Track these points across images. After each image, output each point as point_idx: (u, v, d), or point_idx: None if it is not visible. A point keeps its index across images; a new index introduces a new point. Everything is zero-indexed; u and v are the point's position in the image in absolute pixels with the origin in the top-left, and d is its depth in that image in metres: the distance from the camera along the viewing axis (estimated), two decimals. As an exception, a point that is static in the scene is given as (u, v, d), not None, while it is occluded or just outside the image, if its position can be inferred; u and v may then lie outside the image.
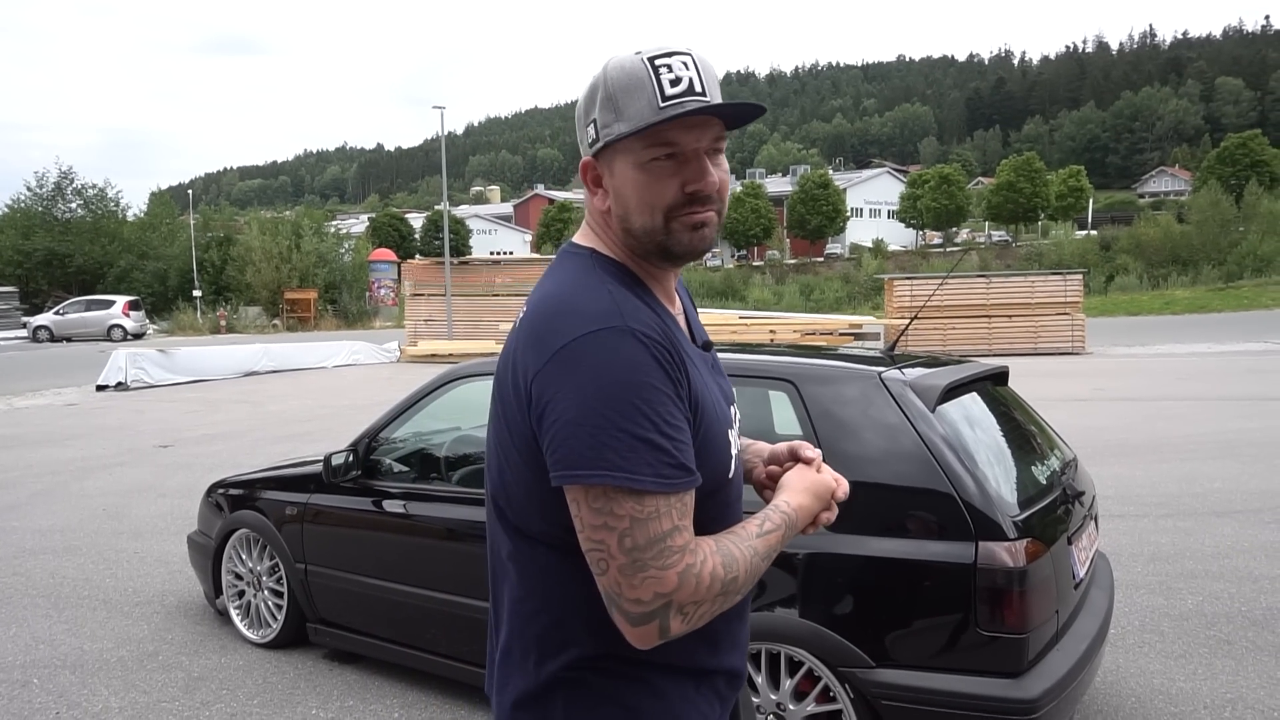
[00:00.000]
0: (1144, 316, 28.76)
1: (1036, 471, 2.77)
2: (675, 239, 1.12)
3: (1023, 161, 58.67)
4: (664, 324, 1.10)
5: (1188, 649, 3.68)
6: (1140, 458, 7.52)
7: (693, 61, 1.08)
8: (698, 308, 1.39)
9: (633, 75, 1.08)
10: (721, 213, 1.15)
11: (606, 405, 1.00)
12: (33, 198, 43.26)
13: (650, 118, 1.06)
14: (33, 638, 4.21)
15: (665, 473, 1.01)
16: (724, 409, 1.18)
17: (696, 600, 1.02)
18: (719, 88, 1.11)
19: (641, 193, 1.11)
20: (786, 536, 1.14)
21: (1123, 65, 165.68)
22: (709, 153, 1.11)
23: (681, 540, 1.02)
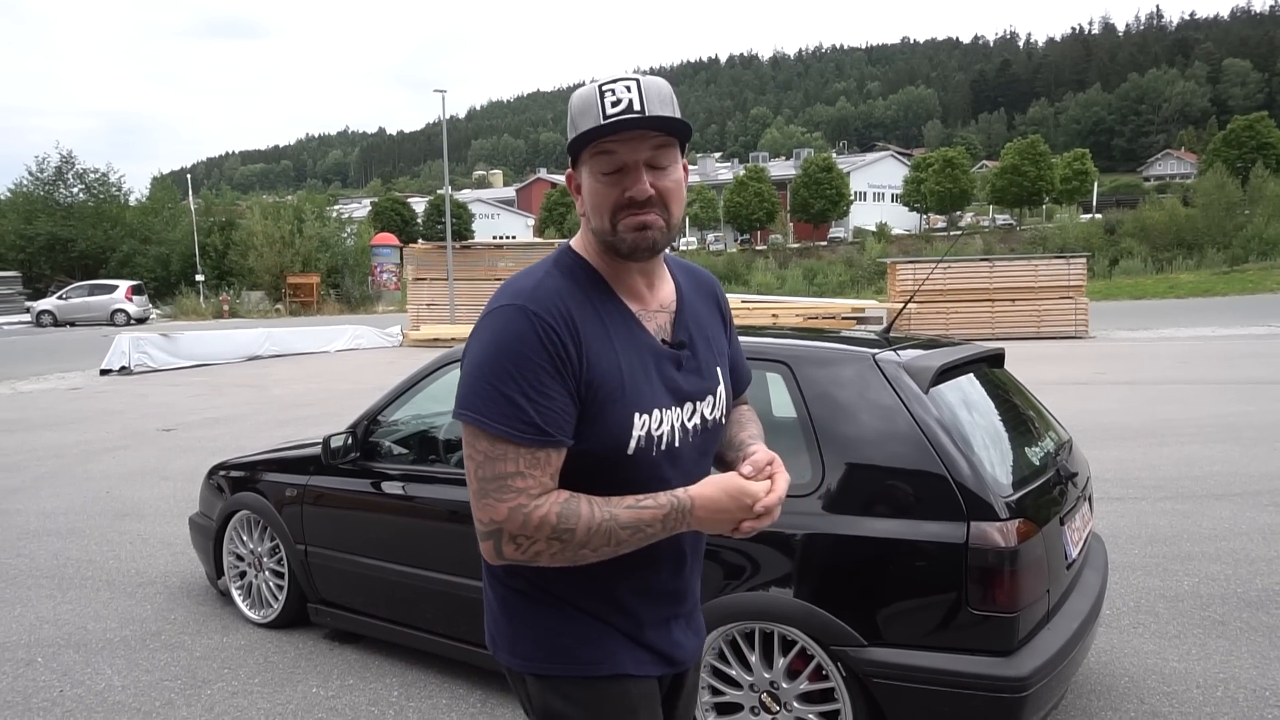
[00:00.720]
0: (1148, 300, 28.68)
1: (1030, 453, 2.78)
2: (620, 237, 1.30)
3: (1027, 145, 58.33)
4: (573, 312, 1.28)
5: (1182, 629, 3.70)
6: (1140, 441, 7.53)
7: (637, 86, 1.27)
8: None
9: (586, 100, 1.28)
10: (669, 215, 1.32)
11: (487, 363, 1.25)
12: (34, 182, 43.19)
13: (585, 133, 1.27)
14: (37, 618, 4.25)
15: (518, 427, 1.23)
16: (648, 397, 1.33)
17: (526, 535, 1.24)
18: (670, 107, 1.29)
19: (594, 199, 1.31)
20: (672, 519, 1.27)
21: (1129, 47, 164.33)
22: (650, 165, 1.29)
23: (523, 484, 1.24)
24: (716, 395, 1.45)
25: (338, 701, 3.33)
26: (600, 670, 1.37)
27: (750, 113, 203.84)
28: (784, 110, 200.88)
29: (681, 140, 1.32)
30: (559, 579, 1.36)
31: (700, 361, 1.43)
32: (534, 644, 1.38)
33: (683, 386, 1.39)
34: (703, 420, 1.41)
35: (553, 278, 1.32)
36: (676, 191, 1.32)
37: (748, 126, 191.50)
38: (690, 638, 1.51)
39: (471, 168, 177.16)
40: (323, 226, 39.14)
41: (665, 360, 1.37)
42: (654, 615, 1.43)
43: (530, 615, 1.38)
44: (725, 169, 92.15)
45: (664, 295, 1.43)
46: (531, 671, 1.39)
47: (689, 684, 1.56)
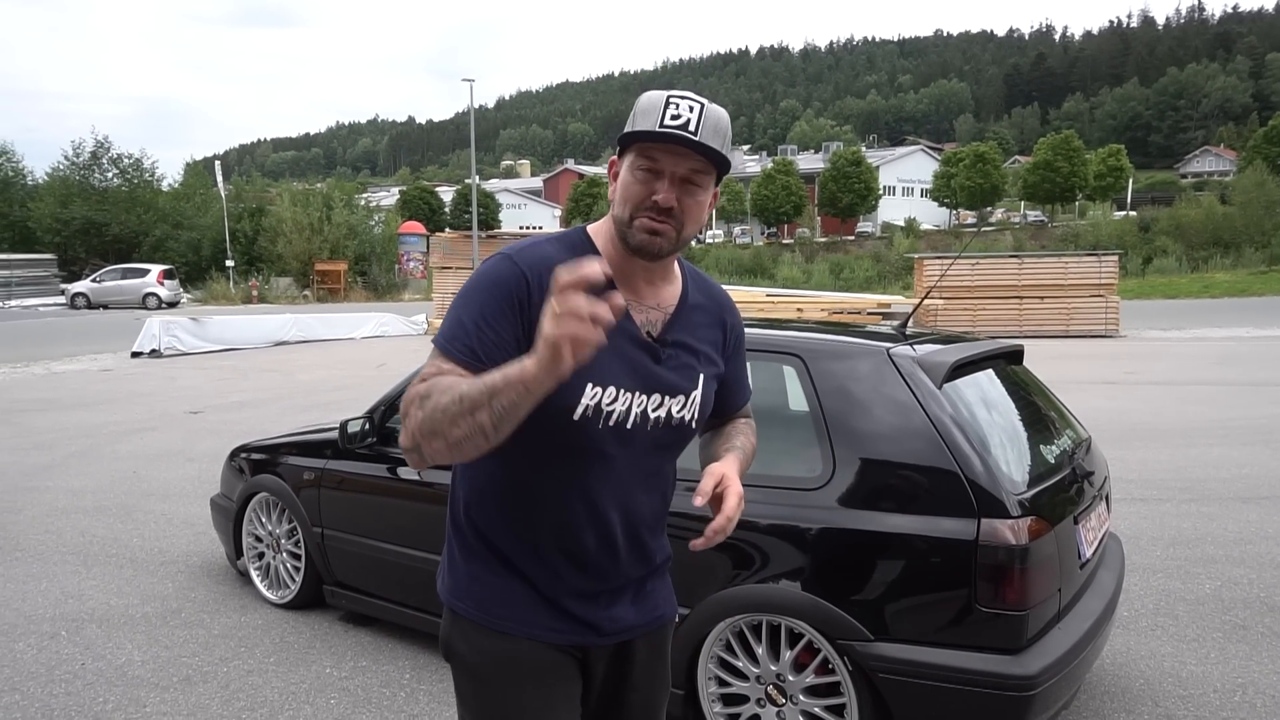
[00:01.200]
0: (1182, 299, 28.15)
1: (1046, 451, 2.74)
2: (633, 233, 1.39)
3: (1061, 140, 57.42)
4: (549, 275, 1.23)
5: (1201, 633, 3.64)
6: (1167, 442, 7.41)
7: (700, 110, 1.36)
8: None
9: (653, 103, 1.38)
10: (681, 232, 1.40)
11: (459, 295, 1.39)
12: (70, 167, 43.87)
13: (638, 133, 1.36)
14: (62, 592, 4.34)
15: (457, 346, 1.33)
16: (608, 371, 1.37)
17: (409, 412, 1.28)
18: (720, 139, 1.37)
19: (625, 190, 1.39)
20: (514, 375, 1.18)
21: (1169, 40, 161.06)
22: (684, 180, 1.37)
23: (431, 371, 1.33)
24: (690, 398, 1.48)
25: (350, 682, 3.38)
26: (501, 626, 1.44)
27: (779, 105, 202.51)
28: (814, 103, 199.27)
29: (720, 172, 1.41)
30: (496, 526, 1.46)
31: (682, 363, 1.48)
32: (458, 583, 1.50)
33: (655, 377, 1.43)
34: (669, 415, 1.45)
35: (551, 245, 1.44)
36: (696, 213, 1.41)
37: (777, 119, 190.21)
38: (633, 612, 1.52)
39: (499, 157, 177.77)
40: (351, 214, 39.38)
41: (641, 349, 1.43)
42: (581, 583, 1.46)
43: (465, 560, 1.50)
44: (753, 162, 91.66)
45: (664, 298, 1.49)
46: (449, 605, 1.51)
47: (640, 658, 1.56)
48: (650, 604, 1.56)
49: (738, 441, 1.58)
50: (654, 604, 1.58)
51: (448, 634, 1.51)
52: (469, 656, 1.47)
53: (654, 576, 1.59)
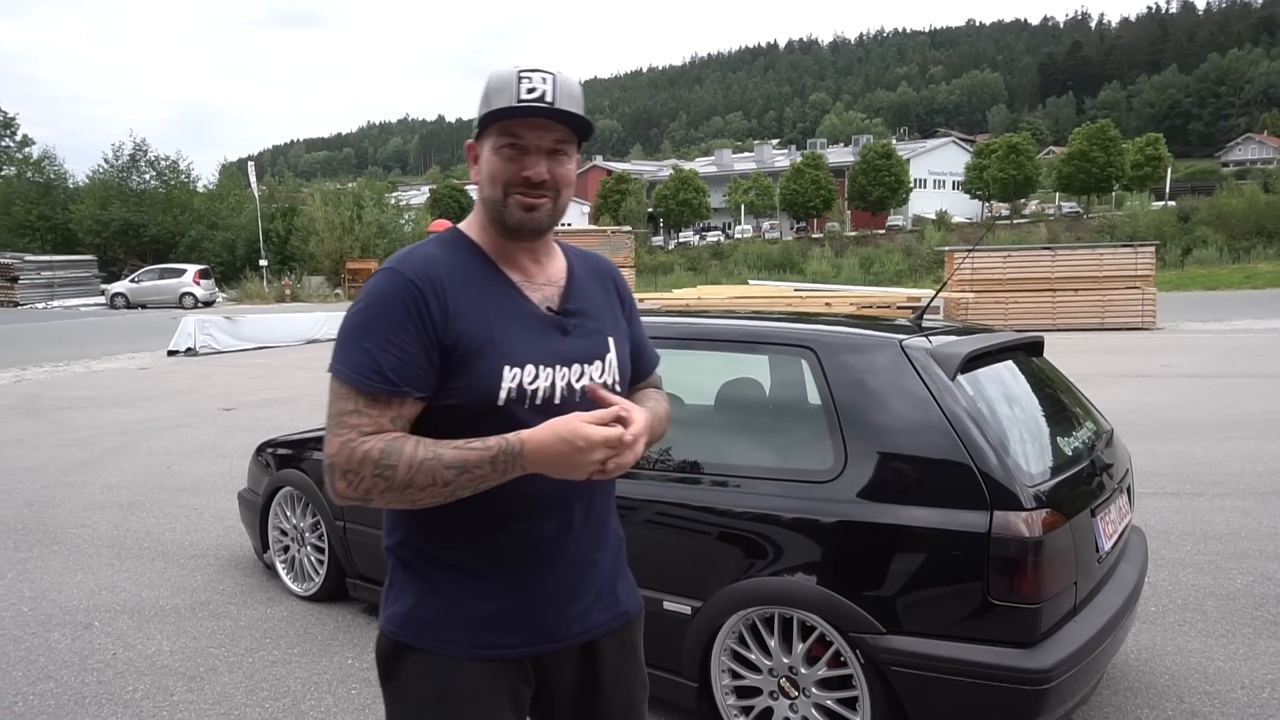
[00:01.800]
0: (1222, 291, 27.51)
1: (1063, 443, 2.70)
2: (510, 213, 1.40)
3: (1096, 129, 56.31)
4: (443, 276, 1.37)
5: (1230, 629, 3.57)
6: (1203, 435, 7.25)
7: (553, 80, 1.36)
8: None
9: (505, 80, 1.36)
10: (557, 202, 1.42)
11: (353, 318, 1.35)
12: (109, 170, 44.82)
13: (498, 111, 1.35)
14: (96, 584, 4.45)
15: (365, 374, 1.31)
16: (522, 351, 1.38)
17: (352, 470, 1.28)
18: (578, 105, 1.39)
19: (492, 171, 1.39)
20: (501, 461, 1.29)
21: (1209, 26, 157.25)
22: (550, 152, 1.38)
23: (357, 421, 1.30)
24: (606, 361, 1.49)
25: (371, 673, 3.42)
26: (443, 649, 1.39)
27: (809, 99, 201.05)
28: (843, 96, 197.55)
29: (581, 138, 1.42)
30: (443, 538, 1.41)
31: (588, 329, 1.48)
32: (399, 610, 1.44)
33: (566, 349, 1.44)
34: (591, 381, 1.45)
35: (429, 248, 1.43)
36: (569, 180, 1.42)
37: (806, 113, 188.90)
38: (597, 611, 1.49)
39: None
40: (381, 213, 39.82)
41: (547, 325, 1.43)
42: (544, 578, 1.42)
43: (405, 584, 1.44)
44: (782, 156, 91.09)
45: (552, 272, 1.50)
46: (385, 631, 1.45)
47: (608, 659, 1.51)
48: (614, 600, 1.53)
49: (649, 404, 1.55)
50: (618, 600, 1.54)
51: (383, 660, 1.45)
52: (403, 682, 1.42)
53: (616, 568, 1.56)
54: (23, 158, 49.14)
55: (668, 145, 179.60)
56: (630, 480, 2.87)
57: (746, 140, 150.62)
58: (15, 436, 8.51)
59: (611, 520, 1.57)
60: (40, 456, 7.54)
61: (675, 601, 2.71)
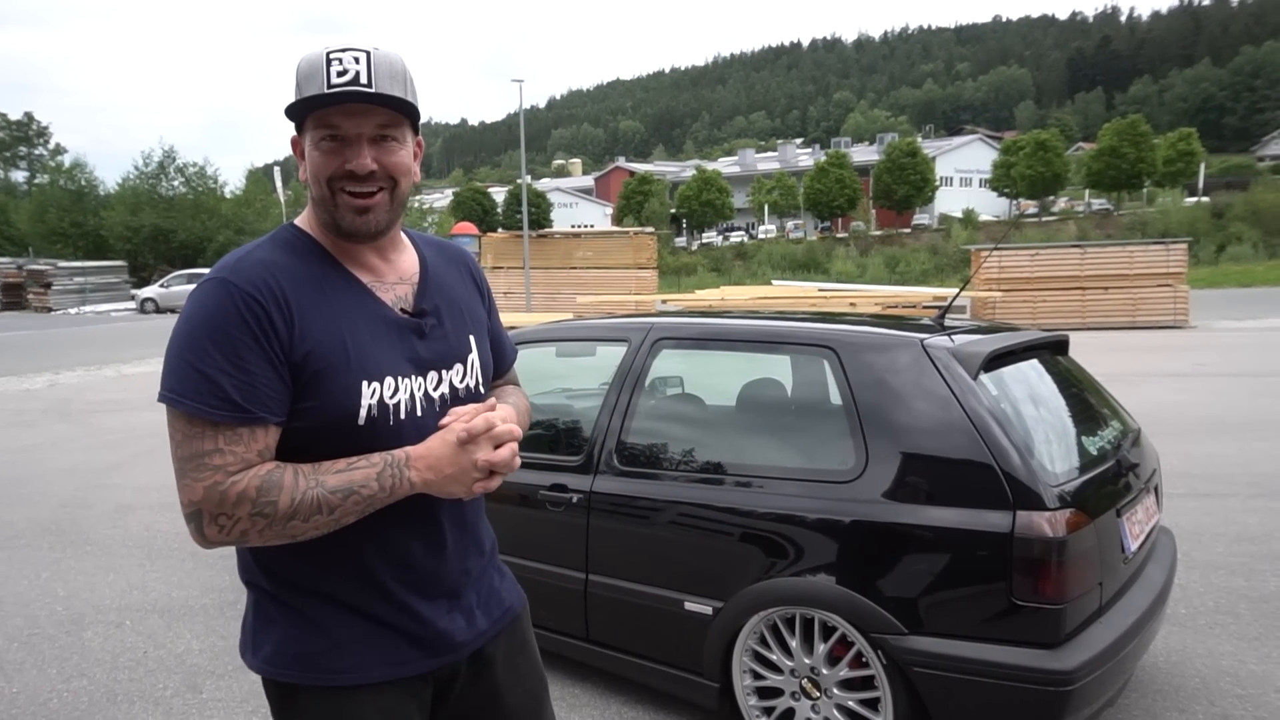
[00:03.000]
0: (1257, 288, 26.97)
1: (1088, 442, 2.67)
2: (341, 215, 1.27)
3: (1127, 125, 55.41)
4: (283, 283, 1.22)
5: (1264, 631, 3.50)
6: (1237, 435, 7.12)
7: (367, 58, 1.21)
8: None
9: (313, 65, 1.22)
10: (394, 194, 1.29)
11: (184, 340, 1.19)
12: (140, 177, 45.59)
13: (303, 101, 1.22)
14: (128, 584, 4.53)
15: (214, 404, 1.16)
16: (378, 364, 1.27)
17: (225, 513, 1.17)
18: (400, 84, 1.24)
19: (314, 168, 1.26)
20: (388, 476, 1.21)
21: (1244, 18, 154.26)
22: (374, 139, 1.25)
23: (220, 460, 1.17)
24: (467, 363, 1.40)
25: (396, 672, 3.45)
26: (340, 680, 1.29)
27: (833, 97, 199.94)
28: (868, 94, 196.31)
29: (412, 120, 1.29)
30: (309, 568, 1.29)
31: (446, 330, 1.38)
32: (277, 649, 1.31)
33: (424, 355, 1.33)
34: (451, 389, 1.36)
35: (264, 250, 1.28)
36: (403, 167, 1.28)
37: (830, 111, 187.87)
38: (481, 617, 1.43)
39: (551, 157, 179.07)
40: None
41: (403, 329, 1.32)
42: (419, 597, 1.34)
43: (276, 618, 1.32)
44: (806, 155, 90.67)
45: (403, 268, 1.38)
46: (271, 677, 1.32)
47: (500, 659, 1.46)
48: (498, 600, 1.48)
49: (510, 400, 1.47)
50: (501, 599, 1.49)
51: (279, 711, 1.34)
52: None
53: (492, 569, 1.50)
54: (55, 166, 50.16)
55: (690, 146, 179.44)
56: (653, 482, 2.87)
57: (770, 140, 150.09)
58: (49, 439, 8.68)
59: (482, 525, 1.49)
60: (73, 459, 7.68)
61: (697, 602, 2.71)
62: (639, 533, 2.88)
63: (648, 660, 2.91)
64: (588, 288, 20.47)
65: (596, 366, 3.34)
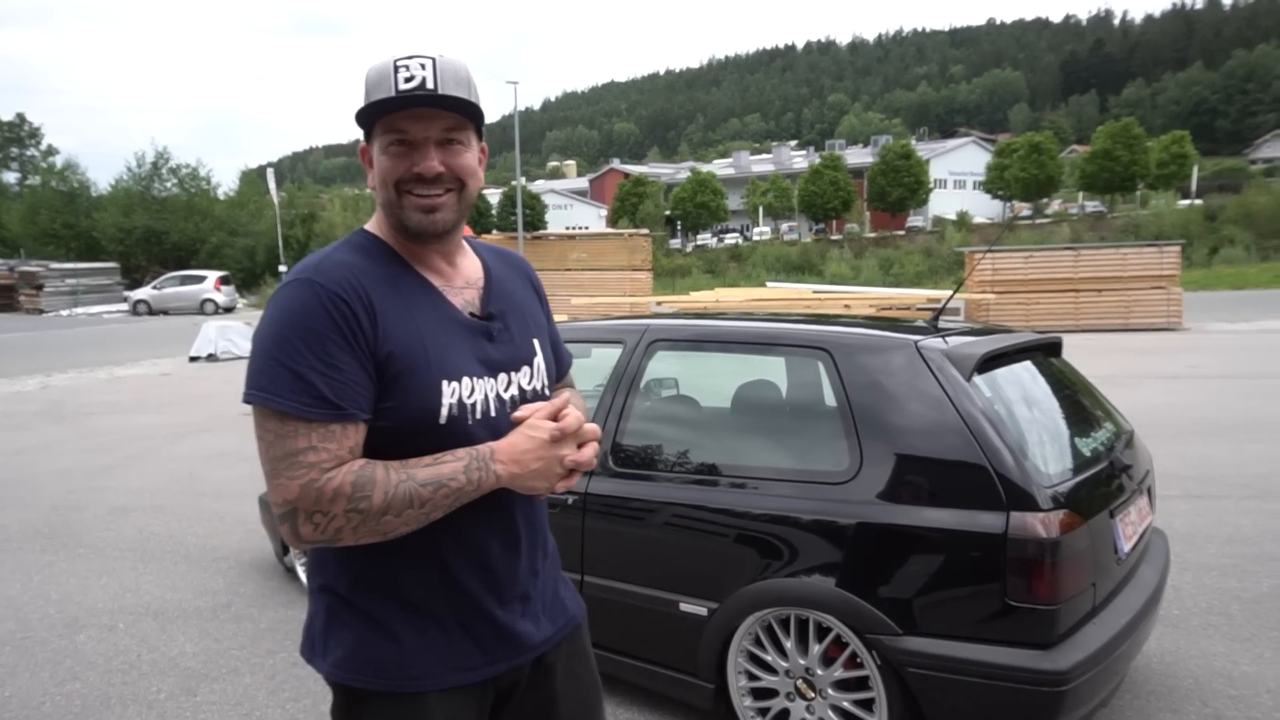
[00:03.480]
0: (1250, 290, 27.09)
1: (1082, 444, 2.68)
2: (407, 215, 1.30)
3: (1120, 128, 55.60)
4: (365, 284, 1.25)
5: (1256, 632, 3.52)
6: (1230, 437, 7.15)
7: (432, 64, 1.26)
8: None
9: (381, 73, 1.27)
10: (462, 195, 1.33)
11: (272, 340, 1.21)
12: (132, 178, 45.44)
13: (373, 105, 1.26)
14: (121, 587, 4.52)
15: (307, 402, 1.19)
16: (456, 365, 1.30)
17: (321, 511, 1.18)
18: (465, 89, 1.28)
19: (382, 172, 1.30)
20: (474, 469, 1.25)
21: (1236, 21, 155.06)
22: (441, 142, 1.29)
23: (314, 458, 1.18)
24: (534, 366, 1.44)
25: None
26: (409, 686, 1.30)
27: (827, 100, 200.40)
28: (862, 97, 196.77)
29: (476, 123, 1.33)
30: (387, 570, 1.31)
31: (512, 333, 1.42)
32: (348, 652, 1.32)
33: (494, 357, 1.37)
34: (520, 391, 1.39)
35: (341, 252, 1.31)
36: (468, 170, 1.32)
37: (824, 114, 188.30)
38: (546, 623, 1.45)
39: (546, 159, 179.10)
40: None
41: (474, 332, 1.36)
42: (494, 599, 1.36)
43: (350, 623, 1.33)
44: (800, 157, 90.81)
45: (469, 272, 1.42)
46: (340, 681, 1.34)
47: (560, 666, 1.47)
48: (560, 608, 1.50)
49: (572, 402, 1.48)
50: (564, 606, 1.51)
51: (344, 713, 1.35)
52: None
53: (556, 574, 1.53)
54: (47, 167, 49.98)
55: (685, 148, 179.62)
56: (648, 483, 2.87)
57: (764, 142, 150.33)
58: (42, 442, 8.64)
59: (547, 527, 1.52)
60: (66, 461, 7.65)
61: (692, 603, 2.71)
62: (634, 534, 2.88)
63: (643, 661, 2.91)
64: (582, 289, 20.45)
65: (592, 368, 3.34)
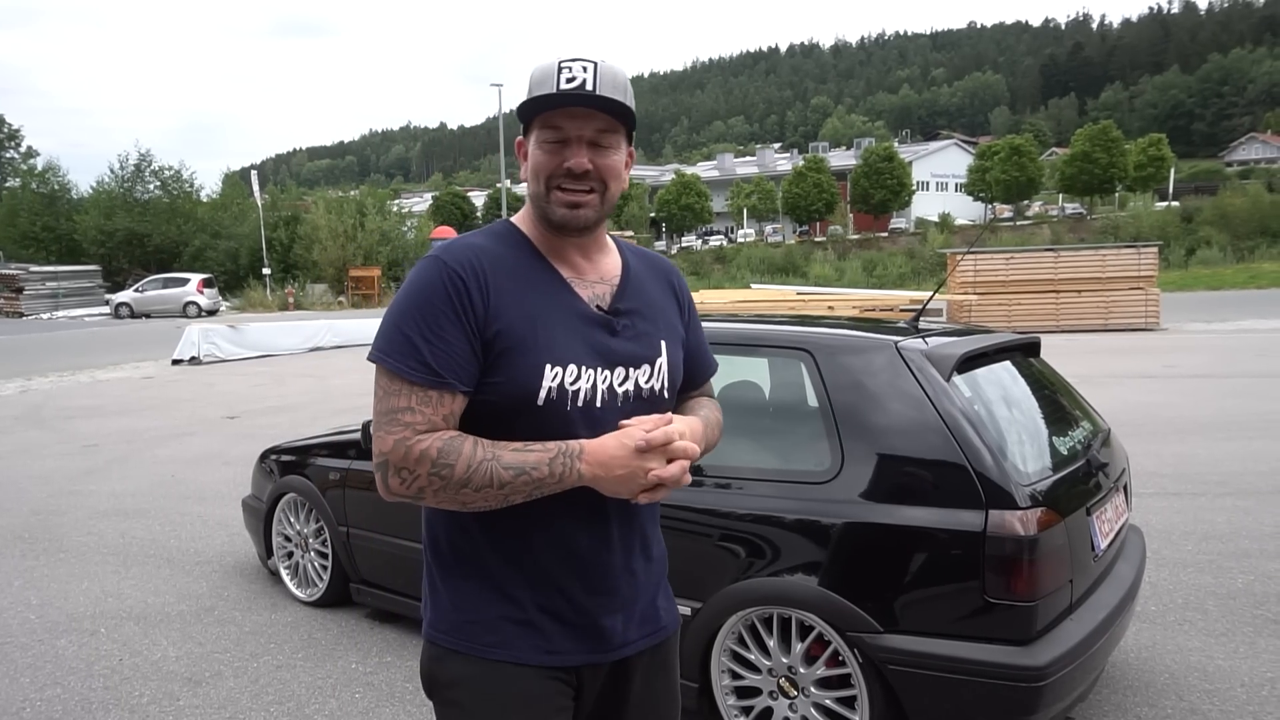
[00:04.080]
0: (1226, 291, 27.45)
1: (1059, 442, 2.72)
2: (553, 209, 1.37)
3: (1099, 130, 56.21)
4: (487, 266, 1.34)
5: (1231, 627, 3.58)
6: (1205, 435, 7.25)
7: (594, 68, 1.33)
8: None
9: (545, 72, 1.34)
10: (605, 195, 1.38)
11: (397, 308, 1.34)
12: (114, 180, 45.01)
13: (533, 101, 1.34)
14: (102, 591, 4.48)
15: (411, 365, 1.29)
16: (564, 350, 1.34)
17: (408, 468, 1.28)
18: (621, 94, 1.34)
19: (535, 166, 1.37)
20: (559, 464, 1.29)
21: (1211, 26, 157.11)
22: (593, 142, 1.35)
23: (411, 418, 1.29)
24: (655, 366, 1.44)
25: (375, 677, 3.45)
26: (488, 654, 1.37)
27: (810, 103, 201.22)
28: (845, 99, 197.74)
29: (628, 128, 1.38)
30: (476, 545, 1.39)
31: (639, 331, 1.43)
32: (440, 615, 1.42)
33: (615, 350, 1.40)
34: (637, 388, 1.41)
35: (477, 237, 1.41)
36: (615, 171, 1.38)
37: (808, 116, 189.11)
38: (634, 626, 1.46)
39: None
40: (384, 220, 39.87)
41: (594, 324, 1.39)
42: (580, 587, 1.39)
43: (445, 586, 1.42)
44: (784, 160, 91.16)
45: (605, 269, 1.46)
46: (430, 639, 1.43)
47: (639, 674, 1.47)
48: (654, 615, 1.50)
49: (701, 413, 1.51)
50: (657, 615, 1.51)
51: (429, 667, 1.43)
52: (452, 690, 1.39)
53: (659, 581, 1.53)
54: (27, 169, 49.42)
55: (670, 150, 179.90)
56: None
57: (748, 144, 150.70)
58: (21, 446, 8.56)
59: (653, 532, 1.52)
60: (46, 465, 7.58)
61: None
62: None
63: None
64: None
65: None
